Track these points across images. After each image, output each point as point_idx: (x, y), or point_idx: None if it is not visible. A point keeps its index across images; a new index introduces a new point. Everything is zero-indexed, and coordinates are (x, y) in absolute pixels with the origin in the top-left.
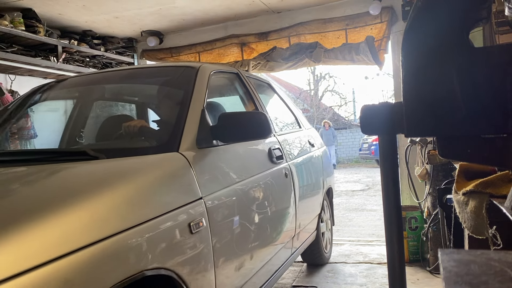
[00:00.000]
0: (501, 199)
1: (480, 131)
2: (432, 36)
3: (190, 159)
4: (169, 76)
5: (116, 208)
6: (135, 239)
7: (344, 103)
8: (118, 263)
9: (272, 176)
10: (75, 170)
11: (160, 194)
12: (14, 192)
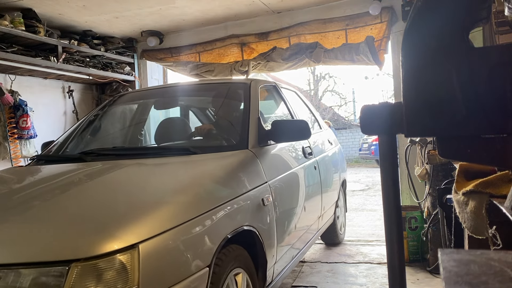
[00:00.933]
0: (501, 199)
1: (480, 131)
2: (432, 36)
3: (257, 154)
4: (228, 90)
5: (225, 185)
6: (236, 205)
7: (344, 103)
8: (230, 220)
9: (306, 168)
10: (188, 160)
11: (244, 178)
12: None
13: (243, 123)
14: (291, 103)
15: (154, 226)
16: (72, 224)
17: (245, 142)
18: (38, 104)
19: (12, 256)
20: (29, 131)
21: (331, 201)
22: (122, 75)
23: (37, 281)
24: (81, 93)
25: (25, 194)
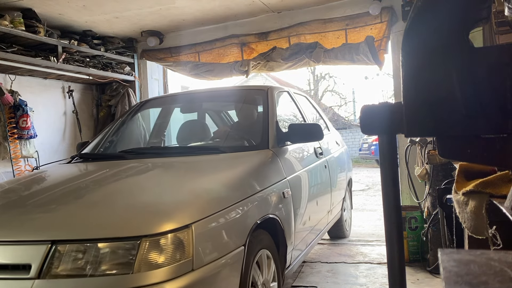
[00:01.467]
0: (501, 199)
1: (480, 131)
2: (432, 36)
3: (276, 153)
4: (247, 95)
5: (254, 179)
6: (264, 196)
7: (344, 103)
8: (259, 208)
9: (318, 167)
10: (219, 158)
11: (268, 173)
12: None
13: (263, 126)
14: (302, 107)
15: (203, 210)
16: (139, 208)
17: (266, 142)
18: (38, 104)
19: (93, 233)
20: (29, 131)
21: (339, 198)
22: (122, 75)
23: (113, 253)
24: (81, 93)
25: (92, 185)
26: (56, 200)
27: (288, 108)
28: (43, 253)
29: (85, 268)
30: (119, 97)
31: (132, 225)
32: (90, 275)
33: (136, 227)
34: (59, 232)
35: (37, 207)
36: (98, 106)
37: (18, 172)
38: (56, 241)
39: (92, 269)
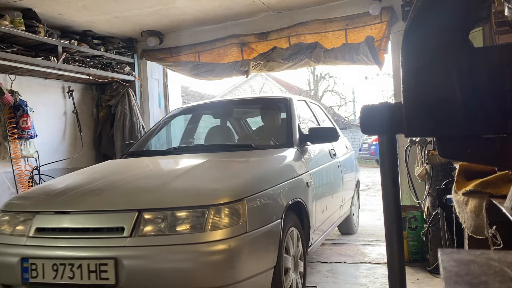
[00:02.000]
0: (501, 199)
1: (480, 131)
2: (432, 36)
3: (300, 151)
4: (272, 103)
5: (287, 169)
6: (294, 182)
7: (344, 103)
8: (291, 192)
9: (332, 166)
10: (256, 153)
11: (294, 166)
12: (242, 161)
13: (287, 128)
14: (316, 113)
15: (252, 189)
16: (205, 185)
17: (290, 142)
18: (38, 104)
19: (171, 203)
20: (29, 131)
21: (348, 195)
22: (122, 75)
23: (187, 218)
24: (81, 93)
25: (160, 170)
26: (137, 180)
27: (304, 114)
28: (133, 219)
29: (165, 229)
30: (119, 97)
31: (201, 198)
32: (170, 234)
33: (204, 199)
34: (144, 204)
35: (124, 185)
36: (98, 106)
37: (18, 172)
38: (141, 210)
39: (171, 230)
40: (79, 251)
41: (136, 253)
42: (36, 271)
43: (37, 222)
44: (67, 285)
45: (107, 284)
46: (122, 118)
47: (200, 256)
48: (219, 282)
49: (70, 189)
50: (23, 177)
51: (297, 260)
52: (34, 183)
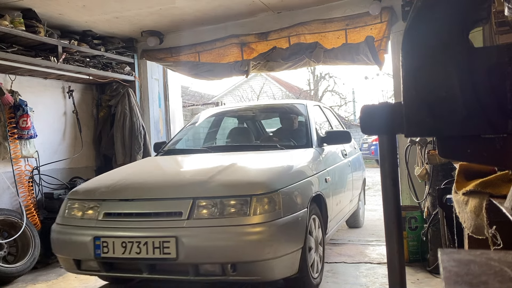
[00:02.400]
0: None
1: (480, 131)
2: (432, 36)
3: (318, 151)
4: (291, 108)
5: (311, 166)
6: (316, 178)
7: (344, 103)
8: (314, 186)
9: (344, 165)
10: (282, 152)
11: (315, 164)
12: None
13: (306, 131)
14: (329, 116)
15: (285, 182)
16: (247, 178)
17: (310, 143)
18: (38, 104)
19: (220, 192)
20: (29, 131)
21: (357, 192)
22: (122, 75)
23: (234, 205)
24: (81, 93)
25: (205, 164)
26: (187, 174)
27: (319, 117)
28: (189, 205)
29: (216, 213)
30: (119, 97)
31: (245, 189)
32: (219, 217)
33: (248, 189)
34: (197, 193)
35: (177, 178)
36: (98, 106)
37: (18, 172)
38: (195, 198)
39: (221, 214)
40: (144, 232)
41: (192, 233)
42: (107, 247)
43: (104, 208)
44: (134, 259)
45: (169, 257)
46: (122, 118)
47: (245, 235)
48: (260, 257)
49: (129, 181)
50: (23, 177)
51: (318, 244)
52: (34, 183)
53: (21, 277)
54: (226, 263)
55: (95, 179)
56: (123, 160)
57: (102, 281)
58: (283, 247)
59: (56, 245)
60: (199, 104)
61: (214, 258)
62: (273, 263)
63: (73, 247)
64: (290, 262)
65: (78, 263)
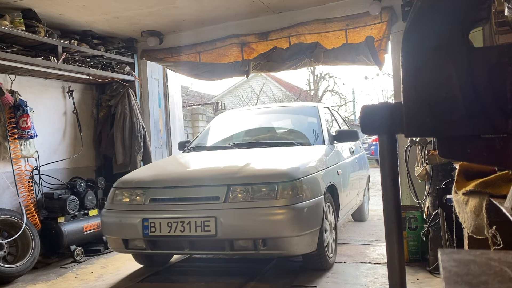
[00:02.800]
0: (501, 199)
1: (480, 131)
2: (432, 36)
3: (330, 147)
4: (304, 109)
5: (323, 160)
6: (330, 170)
7: (344, 103)
8: (328, 177)
9: (352, 161)
10: (298, 148)
11: (328, 158)
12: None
13: (318, 129)
14: (336, 117)
15: (305, 172)
16: (273, 168)
17: (322, 140)
18: (38, 104)
19: (251, 180)
20: (29, 131)
21: (362, 187)
22: (122, 75)
23: (263, 190)
24: (81, 93)
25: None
26: (220, 165)
27: (328, 117)
28: (225, 191)
29: (248, 197)
30: (119, 97)
31: (272, 177)
32: (251, 201)
33: (275, 178)
34: (231, 181)
35: (212, 169)
36: (98, 106)
37: (18, 172)
38: (230, 185)
39: (252, 198)
40: (187, 213)
41: (229, 213)
42: (154, 227)
43: (150, 194)
44: (178, 237)
45: (209, 234)
46: (122, 118)
47: (273, 215)
48: (286, 234)
49: (170, 171)
50: (23, 177)
51: (331, 228)
52: (34, 183)
53: (21, 277)
54: (258, 238)
55: (137, 171)
56: (123, 160)
57: (100, 282)
58: (304, 227)
59: (106, 227)
60: (199, 104)
61: (247, 235)
62: (296, 239)
63: (123, 228)
64: (311, 240)
65: (126, 243)
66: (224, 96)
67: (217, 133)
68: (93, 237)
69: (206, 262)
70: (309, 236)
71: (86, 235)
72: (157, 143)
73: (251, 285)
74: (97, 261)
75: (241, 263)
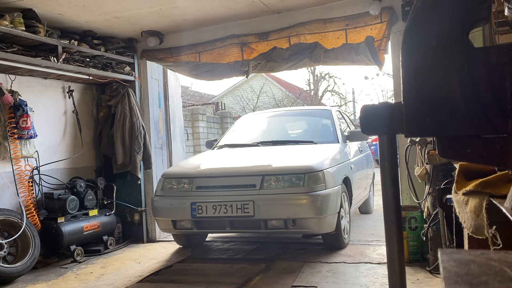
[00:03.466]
0: (501, 199)
1: (480, 131)
2: (432, 36)
3: (343, 145)
4: (318, 112)
5: (338, 156)
6: (345, 164)
7: (344, 103)
8: (343, 171)
9: (361, 158)
10: (318, 145)
11: (343, 155)
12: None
13: (333, 130)
14: (346, 119)
15: (326, 165)
16: (301, 161)
17: (336, 139)
18: (38, 104)
19: (282, 171)
20: (29, 131)
21: (369, 182)
22: (122, 75)
23: (292, 180)
24: (81, 93)
25: (264, 153)
26: (253, 159)
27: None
28: (260, 180)
29: (279, 185)
30: (119, 97)
31: (300, 169)
32: (282, 188)
33: (301, 169)
34: (265, 172)
35: (247, 162)
36: (98, 106)
37: (18, 172)
38: (264, 175)
39: (283, 185)
40: (230, 198)
41: (264, 198)
42: (201, 210)
43: (196, 183)
44: (221, 217)
45: (248, 215)
46: (122, 118)
47: (301, 200)
48: (311, 215)
49: (210, 164)
50: (23, 177)
51: (346, 214)
52: (34, 183)
53: (21, 277)
54: (288, 219)
55: (178, 165)
56: (123, 160)
57: (100, 282)
58: (326, 210)
59: (157, 211)
60: (199, 104)
61: (280, 215)
62: (320, 220)
63: (173, 211)
64: (331, 222)
65: (174, 224)
66: (224, 96)
67: (242, 133)
68: (93, 237)
69: (206, 262)
70: (329, 218)
71: (86, 235)
72: (157, 143)
73: (251, 285)
74: (97, 261)
75: (241, 263)
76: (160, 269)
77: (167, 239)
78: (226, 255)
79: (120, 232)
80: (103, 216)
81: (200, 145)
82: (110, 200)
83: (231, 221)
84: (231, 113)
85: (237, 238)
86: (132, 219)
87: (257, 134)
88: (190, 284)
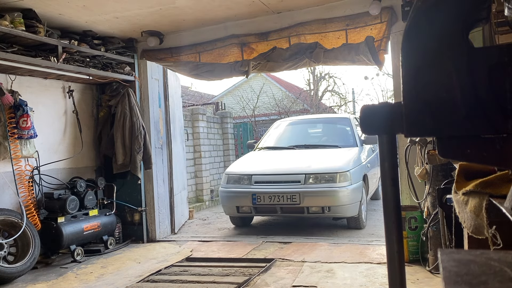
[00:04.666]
0: (501, 199)
1: (480, 131)
2: (432, 36)
3: (361, 148)
4: (338, 119)
5: (360, 157)
6: (364, 164)
7: (344, 103)
8: (363, 170)
9: (374, 158)
10: (342, 149)
11: (363, 156)
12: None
13: (352, 135)
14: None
15: (352, 165)
16: (333, 163)
17: (356, 143)
18: (38, 104)
19: (320, 170)
20: (29, 131)
21: (378, 176)
22: (122, 75)
23: (326, 177)
24: (81, 93)
25: (303, 156)
26: (296, 160)
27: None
28: (304, 177)
29: (318, 181)
30: (119, 97)
31: (333, 169)
32: (321, 183)
33: (333, 169)
34: (306, 171)
35: (293, 162)
36: (98, 106)
37: (18, 172)
38: (306, 174)
39: (321, 182)
40: (281, 190)
41: (307, 191)
42: (260, 199)
43: (254, 179)
44: (275, 204)
45: (296, 203)
46: (122, 118)
47: (334, 192)
48: (342, 203)
49: (263, 163)
50: (23, 177)
51: (364, 202)
52: (34, 183)
53: (21, 277)
54: (325, 206)
55: (236, 164)
56: (123, 160)
57: (100, 282)
58: (352, 199)
59: (225, 199)
60: (199, 104)
61: (319, 204)
62: (349, 207)
63: (238, 198)
64: (355, 208)
65: (237, 209)
66: (224, 96)
67: (276, 137)
68: (93, 237)
69: (206, 262)
70: (354, 205)
71: (86, 235)
72: (157, 143)
73: (251, 285)
74: (97, 261)
75: (240, 263)
76: (160, 269)
77: (167, 239)
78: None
79: (120, 232)
80: (103, 216)
81: (200, 145)
82: (110, 200)
83: (282, 208)
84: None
85: (237, 238)
86: (132, 219)
87: (290, 139)
88: (190, 284)
